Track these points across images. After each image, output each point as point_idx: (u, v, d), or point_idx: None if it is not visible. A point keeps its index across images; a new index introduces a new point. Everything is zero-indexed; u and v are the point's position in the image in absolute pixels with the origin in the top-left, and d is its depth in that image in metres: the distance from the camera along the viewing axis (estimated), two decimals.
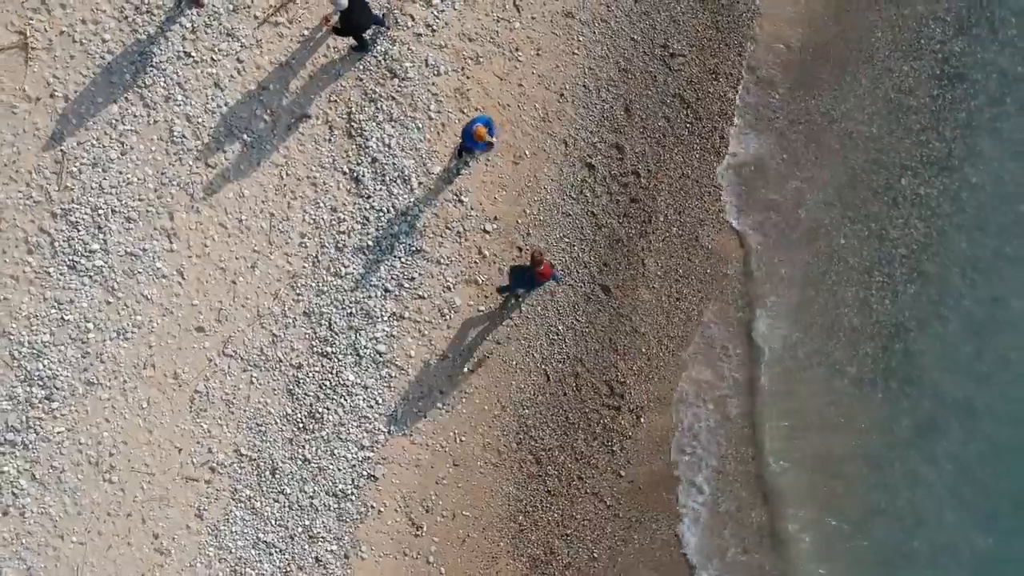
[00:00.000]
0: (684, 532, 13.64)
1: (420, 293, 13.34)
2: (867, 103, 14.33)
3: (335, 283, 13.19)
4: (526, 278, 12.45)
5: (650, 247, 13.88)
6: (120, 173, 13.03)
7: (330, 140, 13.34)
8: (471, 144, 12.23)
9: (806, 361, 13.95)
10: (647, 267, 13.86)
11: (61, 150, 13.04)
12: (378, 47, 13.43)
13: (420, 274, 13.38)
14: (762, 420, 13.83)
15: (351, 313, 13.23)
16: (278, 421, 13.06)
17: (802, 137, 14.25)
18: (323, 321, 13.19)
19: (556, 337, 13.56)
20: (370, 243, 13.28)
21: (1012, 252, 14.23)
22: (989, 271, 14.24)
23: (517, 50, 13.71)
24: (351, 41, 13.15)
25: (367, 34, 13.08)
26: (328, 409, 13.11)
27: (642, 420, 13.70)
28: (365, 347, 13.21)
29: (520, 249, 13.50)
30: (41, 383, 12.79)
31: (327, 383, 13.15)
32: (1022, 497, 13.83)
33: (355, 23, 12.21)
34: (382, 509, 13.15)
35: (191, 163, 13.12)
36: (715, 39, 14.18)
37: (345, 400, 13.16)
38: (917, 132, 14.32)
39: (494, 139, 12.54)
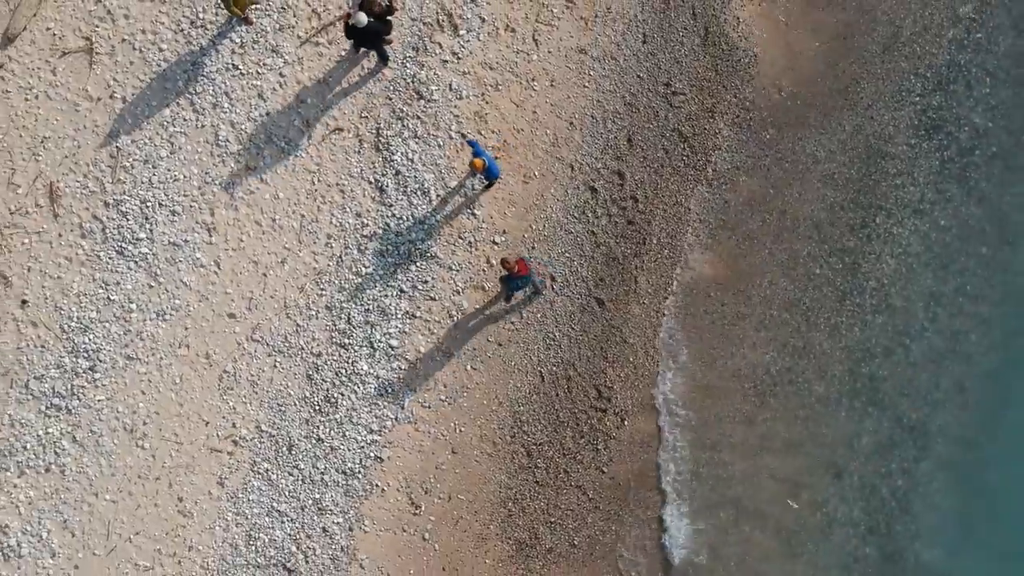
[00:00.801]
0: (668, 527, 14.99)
1: (432, 295, 14.72)
2: (849, 147, 15.68)
3: (356, 281, 14.57)
4: (514, 282, 13.87)
5: (643, 266, 15.24)
6: (168, 170, 14.45)
7: (359, 152, 14.73)
8: (475, 147, 13.72)
9: (777, 378, 15.29)
10: (639, 284, 15.23)
11: (117, 146, 14.46)
12: (407, 70, 14.84)
13: (433, 278, 14.75)
14: (732, 430, 15.18)
15: (368, 309, 14.61)
16: (297, 403, 14.44)
17: (787, 174, 15.61)
18: (343, 315, 14.58)
19: (552, 343, 14.93)
20: (389, 247, 14.66)
21: (972, 290, 15.56)
22: (951, 307, 15.56)
23: (533, 80, 15.10)
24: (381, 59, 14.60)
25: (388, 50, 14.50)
26: (343, 395, 14.49)
27: (626, 423, 15.05)
28: (379, 341, 14.59)
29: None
30: (86, 355, 14.19)
31: (343, 371, 14.52)
32: (966, 514, 15.15)
33: (360, 37, 13.68)
34: (385, 488, 14.51)
35: (233, 165, 14.53)
36: (714, 81, 15.56)
37: (358, 387, 14.54)
38: (893, 176, 15.68)
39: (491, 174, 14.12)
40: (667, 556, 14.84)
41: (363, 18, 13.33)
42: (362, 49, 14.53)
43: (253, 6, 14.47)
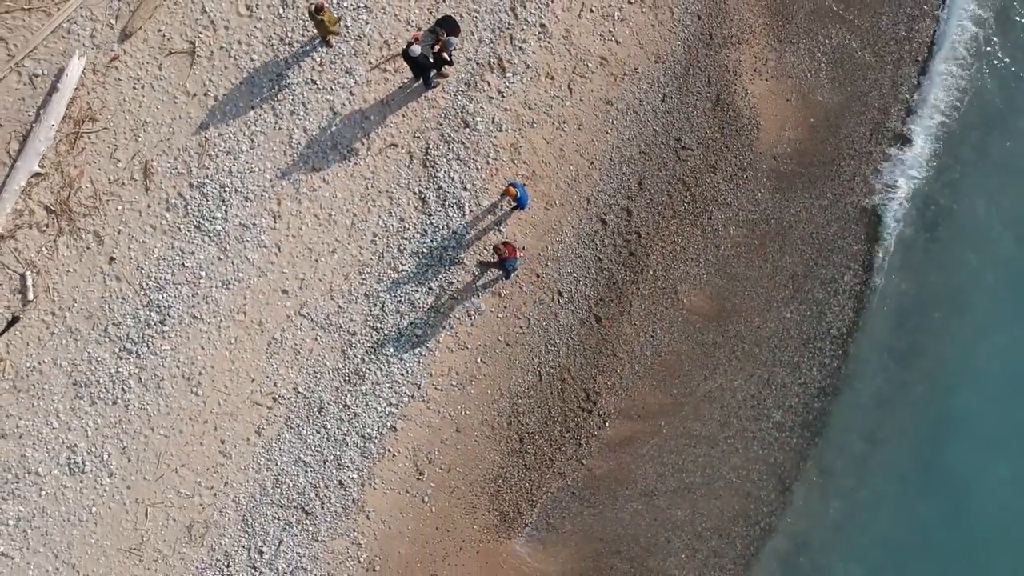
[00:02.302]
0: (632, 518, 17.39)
1: (455, 296, 17.15)
2: (829, 212, 18.07)
3: (393, 276, 17.03)
4: (506, 264, 16.32)
5: (638, 292, 17.65)
6: (247, 162, 16.96)
7: (409, 166, 17.21)
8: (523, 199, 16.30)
9: (743, 402, 17.65)
10: (633, 308, 17.63)
11: (205, 137, 16.99)
12: (458, 102, 17.33)
13: (458, 280, 17.18)
14: (696, 443, 17.55)
15: (400, 301, 17.06)
16: (331, 372, 16.90)
17: (772, 229, 18.01)
18: (378, 303, 17.03)
19: (553, 348, 17.35)
20: (424, 250, 17.11)
21: (921, 348, 17.93)
22: (901, 360, 17.93)
23: (564, 122, 17.55)
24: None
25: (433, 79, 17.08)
26: (370, 370, 16.93)
27: (607, 425, 17.45)
28: (406, 329, 17.03)
29: (538, 275, 17.32)
30: (158, 310, 16.69)
31: (372, 351, 16.97)
32: (892, 541, 17.46)
33: (412, 64, 16.28)
34: (396, 454, 16.93)
35: (301, 164, 17.03)
36: (719, 141, 17.98)
37: (384, 366, 16.98)
38: (864, 241, 18.05)
39: (521, 204, 16.68)
40: (629, 543, 17.24)
41: (417, 49, 15.92)
42: (419, 80, 17.04)
43: (335, 36, 16.97)
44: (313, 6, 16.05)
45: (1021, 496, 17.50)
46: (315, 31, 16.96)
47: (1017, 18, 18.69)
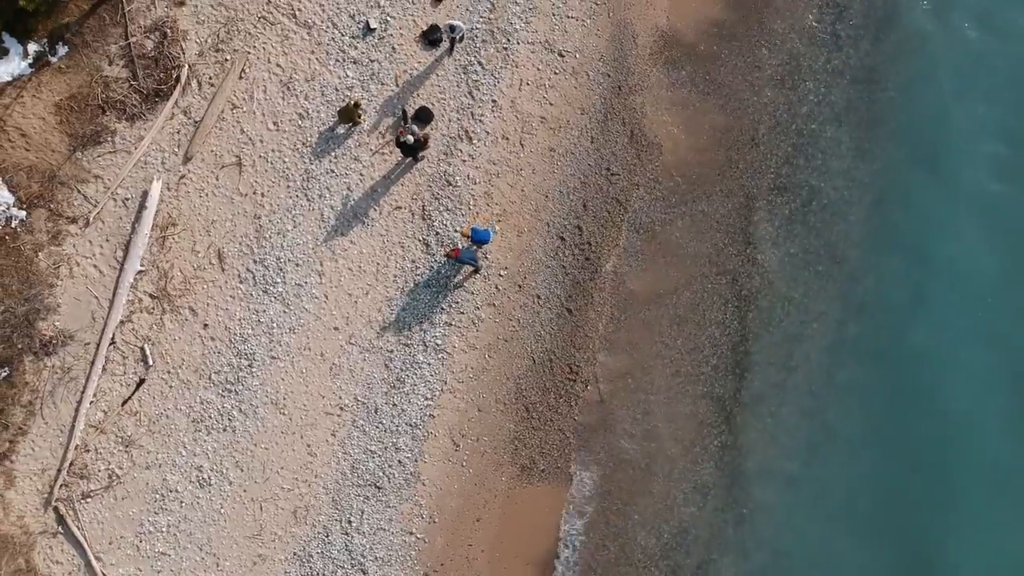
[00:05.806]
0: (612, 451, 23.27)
1: (461, 311, 22.97)
2: (728, 203, 23.96)
3: (413, 304, 22.85)
4: (462, 258, 21.95)
5: (596, 287, 23.54)
6: (293, 238, 22.79)
7: (412, 221, 23.08)
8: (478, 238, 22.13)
9: (685, 356, 23.51)
10: (594, 299, 23.51)
11: (260, 224, 22.80)
12: (441, 167, 23.23)
13: (461, 300, 23.01)
14: (655, 394, 23.46)
15: (421, 321, 22.89)
16: (379, 382, 22.68)
17: (687, 224, 23.90)
18: (405, 325, 22.86)
19: (539, 337, 23.18)
20: (432, 281, 22.94)
21: (812, 294, 23.72)
22: (798, 306, 23.63)
23: (521, 170, 23.46)
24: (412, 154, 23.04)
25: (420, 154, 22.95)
26: (408, 376, 22.71)
27: (588, 388, 23.29)
28: (429, 340, 22.85)
29: (520, 287, 23.19)
30: (246, 357, 22.44)
31: (407, 361, 22.77)
32: (810, 443, 23.23)
33: (404, 148, 22.08)
34: (436, 434, 22.70)
35: (333, 233, 22.86)
36: (637, 165, 23.93)
37: (417, 372, 22.78)
38: (757, 222, 23.93)
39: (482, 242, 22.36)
40: (616, 464, 23.12)
41: (410, 138, 21.84)
42: (409, 158, 22.95)
43: (356, 123, 22.81)
44: (353, 102, 22.03)
45: (901, 398, 23.34)
46: (342, 122, 22.64)
47: None
